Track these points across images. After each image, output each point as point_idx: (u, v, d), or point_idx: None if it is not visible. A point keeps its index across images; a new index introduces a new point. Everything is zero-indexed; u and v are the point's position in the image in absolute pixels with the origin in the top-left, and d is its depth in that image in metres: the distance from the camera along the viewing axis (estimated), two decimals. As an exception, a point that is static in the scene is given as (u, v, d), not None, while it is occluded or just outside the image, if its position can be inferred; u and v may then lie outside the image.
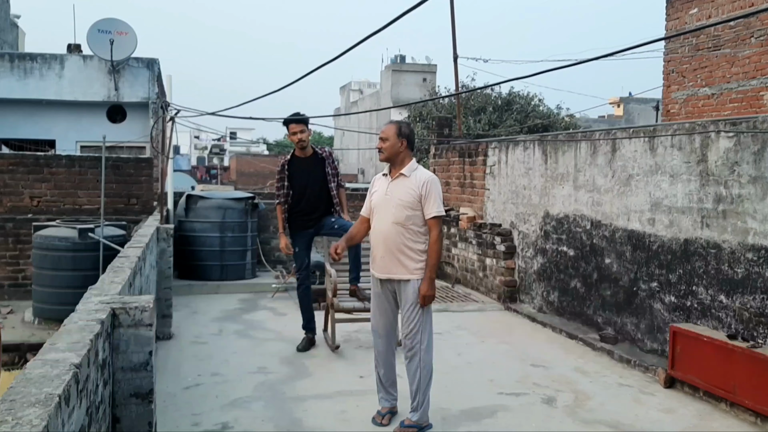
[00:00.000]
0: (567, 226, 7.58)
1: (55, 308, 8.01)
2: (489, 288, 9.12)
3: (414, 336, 4.48)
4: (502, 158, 9.18)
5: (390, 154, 4.56)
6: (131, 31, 11.37)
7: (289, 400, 5.07)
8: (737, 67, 10.15)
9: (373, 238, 4.64)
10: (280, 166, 6.52)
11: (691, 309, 5.80)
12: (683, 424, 4.79)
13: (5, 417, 1.79)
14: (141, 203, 10.59)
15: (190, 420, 4.63)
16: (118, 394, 3.08)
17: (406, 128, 4.62)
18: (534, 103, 21.61)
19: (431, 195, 4.45)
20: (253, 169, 45.12)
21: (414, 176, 4.51)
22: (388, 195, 4.55)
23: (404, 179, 4.52)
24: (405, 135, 4.56)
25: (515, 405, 5.10)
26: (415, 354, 4.47)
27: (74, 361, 2.29)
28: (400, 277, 4.50)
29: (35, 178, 10.21)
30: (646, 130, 6.53)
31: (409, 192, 4.47)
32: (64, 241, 8.17)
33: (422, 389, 4.45)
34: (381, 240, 4.54)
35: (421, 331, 4.47)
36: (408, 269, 4.47)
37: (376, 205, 4.63)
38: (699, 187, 5.76)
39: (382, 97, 40.12)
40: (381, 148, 4.60)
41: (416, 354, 4.47)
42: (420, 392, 4.44)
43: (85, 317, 2.89)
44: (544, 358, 6.39)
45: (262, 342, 6.80)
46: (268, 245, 11.02)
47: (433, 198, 4.45)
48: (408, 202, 4.46)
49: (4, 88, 11.51)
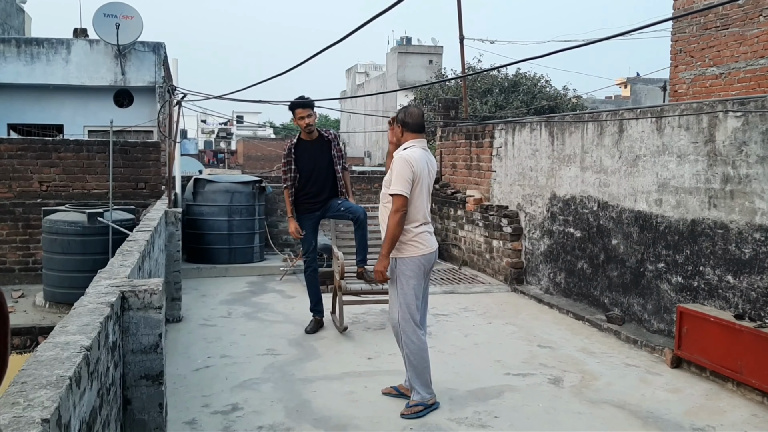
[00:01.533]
0: (574, 207, 7.57)
1: (65, 292, 8.09)
2: (496, 270, 9.13)
3: (390, 314, 4.66)
4: (508, 140, 9.16)
5: (395, 142, 4.72)
6: (137, 15, 11.34)
7: (297, 382, 5.12)
8: (746, 46, 10.05)
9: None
10: (287, 150, 6.52)
11: (698, 289, 5.80)
12: (690, 404, 4.80)
13: (17, 399, 1.82)
14: (149, 187, 10.63)
15: (201, 401, 4.69)
16: (129, 376, 3.12)
17: (401, 113, 4.70)
18: (541, 85, 21.50)
19: (394, 172, 4.49)
20: (260, 153, 45.14)
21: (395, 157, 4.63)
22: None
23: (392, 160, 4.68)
24: (399, 120, 4.65)
25: (522, 385, 5.13)
26: (395, 331, 4.63)
27: (85, 344, 2.32)
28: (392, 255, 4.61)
29: (44, 163, 10.26)
30: (654, 110, 6.50)
31: (389, 172, 4.60)
32: (74, 226, 8.22)
33: (408, 366, 4.57)
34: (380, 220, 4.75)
35: (396, 309, 4.55)
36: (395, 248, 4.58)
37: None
38: (706, 167, 5.74)
39: (388, 79, 39.97)
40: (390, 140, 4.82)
41: (397, 332, 4.60)
42: (407, 369, 4.59)
43: (95, 300, 2.92)
44: (551, 338, 6.41)
45: (270, 324, 6.84)
46: (275, 228, 11.06)
47: (393, 175, 4.48)
48: (387, 181, 4.59)
49: (11, 73, 11.53)
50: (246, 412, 4.52)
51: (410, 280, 4.51)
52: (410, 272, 4.52)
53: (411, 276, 4.52)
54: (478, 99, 19.94)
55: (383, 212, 4.62)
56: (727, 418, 4.56)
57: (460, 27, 12.77)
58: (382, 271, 4.51)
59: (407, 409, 4.49)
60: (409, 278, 4.52)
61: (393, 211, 4.43)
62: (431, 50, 39.19)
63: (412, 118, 4.65)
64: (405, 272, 4.51)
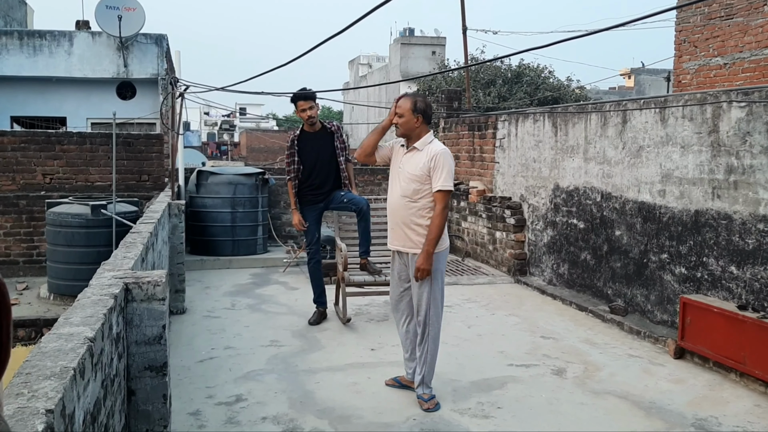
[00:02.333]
0: (577, 198, 7.56)
1: (69, 284, 8.11)
2: (499, 261, 9.13)
3: (419, 308, 4.50)
4: (511, 131, 9.14)
5: (406, 130, 4.50)
6: (139, 7, 11.31)
7: (301, 373, 5.13)
8: (750, 36, 10.00)
9: (388, 209, 4.66)
10: (290, 142, 6.51)
11: (701, 280, 5.80)
12: (693, 395, 4.81)
13: (21, 389, 1.83)
14: (152, 179, 10.64)
15: (205, 392, 4.70)
16: (133, 367, 3.13)
17: (421, 103, 4.51)
18: (544, 76, 21.42)
19: (439, 168, 4.36)
20: (263, 145, 45.11)
21: (426, 150, 4.45)
22: (400, 168, 4.54)
23: (416, 153, 4.48)
24: (420, 110, 4.47)
25: (525, 376, 5.14)
26: (422, 326, 4.50)
27: (88, 335, 2.33)
28: (407, 250, 4.52)
29: (47, 156, 10.27)
30: (657, 101, 6.48)
31: (419, 165, 4.42)
32: (77, 218, 8.24)
33: (428, 361, 4.52)
34: (391, 212, 4.60)
35: (426, 304, 4.46)
36: (415, 243, 4.45)
37: (390, 178, 4.67)
38: (710, 157, 5.72)
39: (391, 70, 39.86)
40: (397, 124, 4.52)
41: (425, 326, 4.49)
42: (427, 364, 4.52)
43: (98, 292, 2.93)
44: (554, 329, 6.42)
45: (274, 316, 6.86)
46: (278, 220, 11.07)
47: (440, 171, 4.36)
48: (417, 176, 4.41)
49: (14, 65, 11.52)
50: (250, 403, 4.54)
51: (443, 275, 4.57)
52: (442, 266, 4.55)
53: (443, 270, 4.57)
54: (482, 90, 19.89)
55: (409, 205, 4.46)
56: (730, 408, 4.56)
57: (463, 18, 12.73)
58: (429, 269, 4.38)
59: (429, 403, 4.47)
60: (442, 273, 4.56)
61: (443, 208, 4.36)
62: (434, 41, 39.02)
63: (431, 110, 4.61)
64: (438, 267, 4.49)
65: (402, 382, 4.82)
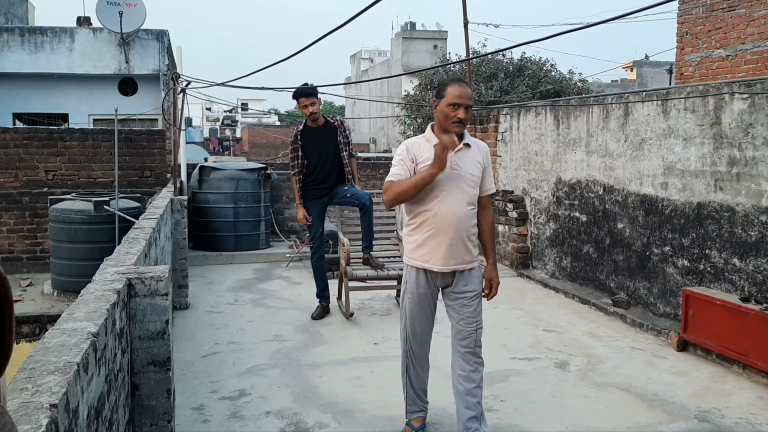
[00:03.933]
0: (579, 191, 7.56)
1: (72, 280, 8.14)
2: (501, 255, 9.13)
3: (471, 332, 3.70)
4: (513, 124, 9.13)
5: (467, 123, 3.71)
6: (140, 3, 11.29)
7: (304, 367, 5.14)
8: (752, 28, 9.97)
9: (438, 223, 3.60)
10: (293, 138, 6.52)
11: (704, 272, 5.79)
12: (696, 387, 4.81)
13: (25, 385, 1.84)
14: (154, 175, 10.65)
15: (208, 387, 4.72)
16: (137, 362, 3.14)
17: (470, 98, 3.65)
18: (546, 69, 21.34)
19: (490, 165, 3.79)
20: (265, 140, 45.07)
21: (475, 145, 3.73)
22: (456, 169, 3.59)
23: (468, 150, 3.67)
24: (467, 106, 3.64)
25: (528, 369, 5.14)
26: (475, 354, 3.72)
27: (92, 330, 2.33)
28: (465, 267, 3.70)
29: (49, 152, 10.29)
30: (659, 93, 6.46)
31: (476, 165, 3.67)
32: (80, 214, 8.26)
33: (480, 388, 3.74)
34: (447, 226, 3.59)
35: (479, 325, 3.74)
36: (473, 257, 3.72)
37: (441, 183, 3.56)
38: (712, 150, 5.71)
39: (392, 65, 39.82)
40: (463, 120, 3.58)
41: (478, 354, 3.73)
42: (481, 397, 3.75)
43: (101, 288, 2.93)
44: (557, 323, 6.42)
45: (277, 311, 6.87)
46: (281, 215, 11.08)
47: (490, 168, 3.78)
48: (476, 178, 3.67)
49: (15, 62, 11.52)
50: (253, 397, 4.55)
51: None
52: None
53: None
54: (483, 84, 19.84)
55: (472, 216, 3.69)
56: (733, 400, 4.56)
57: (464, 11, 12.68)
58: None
59: None
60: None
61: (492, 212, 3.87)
62: (436, 35, 38.96)
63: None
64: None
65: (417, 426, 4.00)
